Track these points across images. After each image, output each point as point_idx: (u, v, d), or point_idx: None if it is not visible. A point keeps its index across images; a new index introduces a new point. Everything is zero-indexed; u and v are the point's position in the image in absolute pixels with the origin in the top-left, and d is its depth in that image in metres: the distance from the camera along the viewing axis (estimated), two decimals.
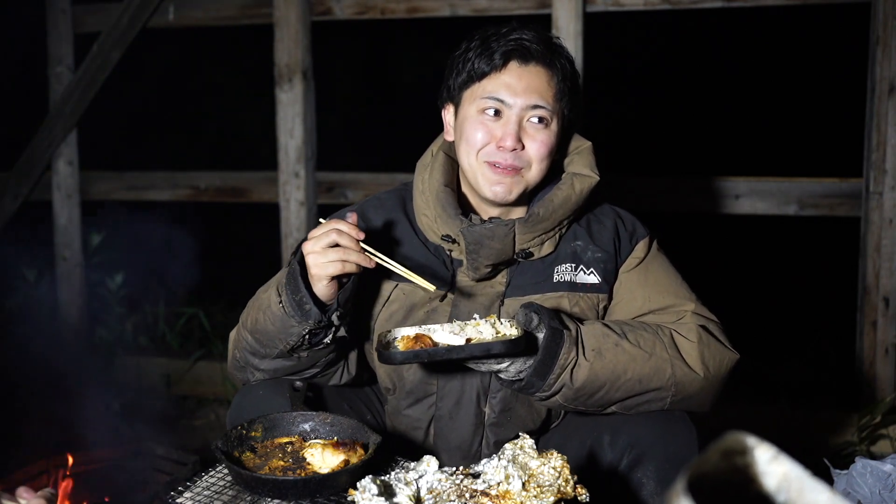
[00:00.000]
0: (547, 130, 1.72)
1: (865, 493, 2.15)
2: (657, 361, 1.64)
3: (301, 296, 1.61)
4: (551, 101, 1.72)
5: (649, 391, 1.65)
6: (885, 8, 2.83)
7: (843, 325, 3.20)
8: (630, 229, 1.84)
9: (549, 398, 1.63)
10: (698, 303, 1.79)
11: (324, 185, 3.49)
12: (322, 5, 3.38)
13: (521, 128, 1.71)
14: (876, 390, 2.96)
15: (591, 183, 1.78)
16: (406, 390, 1.81)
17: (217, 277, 4.46)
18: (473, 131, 1.72)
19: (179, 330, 3.90)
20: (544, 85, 1.71)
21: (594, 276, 1.78)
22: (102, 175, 3.80)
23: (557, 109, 1.73)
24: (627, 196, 3.17)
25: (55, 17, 3.68)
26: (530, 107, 1.70)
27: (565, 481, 1.37)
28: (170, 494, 1.55)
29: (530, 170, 1.74)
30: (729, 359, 1.73)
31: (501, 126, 1.71)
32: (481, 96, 1.72)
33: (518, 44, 1.70)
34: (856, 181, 2.98)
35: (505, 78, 1.70)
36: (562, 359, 1.58)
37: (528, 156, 1.72)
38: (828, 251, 4.32)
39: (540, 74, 1.71)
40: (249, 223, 4.80)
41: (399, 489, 1.40)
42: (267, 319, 1.68)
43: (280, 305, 1.64)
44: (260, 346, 1.73)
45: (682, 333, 1.70)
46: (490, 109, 1.71)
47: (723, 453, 0.87)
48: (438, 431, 1.81)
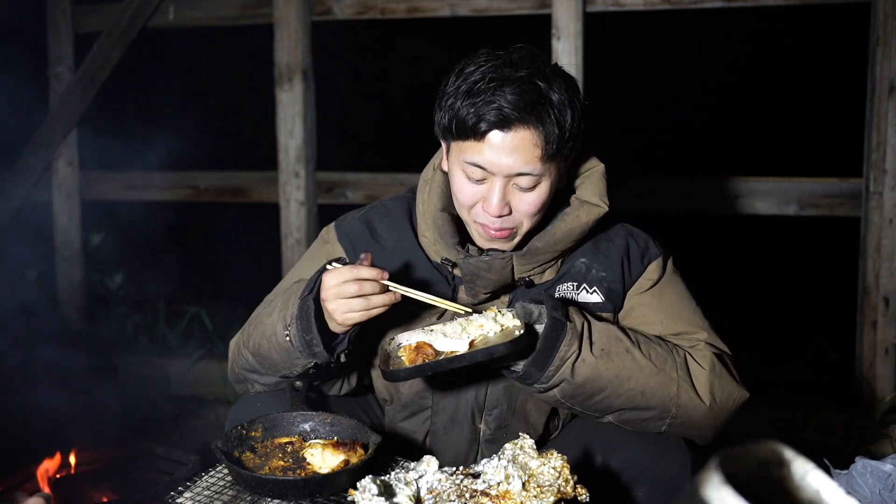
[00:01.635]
0: (535, 192, 1.63)
1: (865, 493, 2.15)
2: (664, 378, 1.61)
3: (312, 337, 1.59)
4: (539, 164, 1.59)
5: (650, 407, 1.61)
6: (885, 8, 2.83)
7: (843, 325, 3.20)
8: (642, 249, 1.78)
9: (548, 391, 1.60)
10: (712, 332, 1.75)
11: (324, 185, 3.49)
12: (322, 5, 3.38)
13: (508, 191, 1.62)
14: (876, 390, 2.96)
15: (599, 214, 1.72)
16: (402, 403, 1.80)
17: (217, 277, 4.47)
18: (460, 190, 1.66)
19: (180, 330, 3.90)
20: (529, 149, 1.57)
21: (597, 294, 1.74)
22: (102, 175, 3.80)
23: (548, 168, 1.61)
24: (627, 196, 3.17)
25: (55, 17, 3.68)
26: (514, 175, 1.60)
27: (565, 481, 1.37)
28: (170, 494, 1.56)
29: (523, 226, 1.67)
30: (738, 395, 1.67)
31: (487, 190, 1.62)
32: (464, 160, 1.61)
33: (499, 112, 1.54)
34: (856, 181, 2.98)
35: (485, 146, 1.58)
36: (562, 350, 1.54)
37: (518, 217, 1.65)
38: (828, 251, 4.32)
39: (524, 139, 1.57)
40: (249, 223, 4.80)
41: (399, 489, 1.40)
42: (272, 348, 1.66)
43: (287, 339, 1.62)
44: (261, 367, 1.73)
45: (696, 359, 1.66)
46: (474, 175, 1.62)
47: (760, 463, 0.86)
48: (434, 446, 1.80)
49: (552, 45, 3.08)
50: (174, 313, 3.99)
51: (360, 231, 1.82)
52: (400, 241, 1.80)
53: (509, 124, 1.56)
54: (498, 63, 1.59)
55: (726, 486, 0.79)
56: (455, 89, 1.60)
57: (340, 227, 1.85)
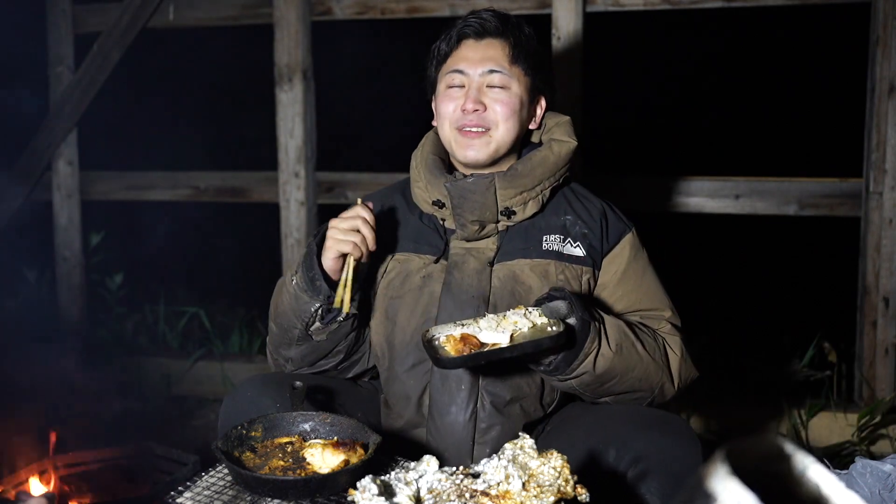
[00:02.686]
0: (507, 92, 1.84)
1: (865, 493, 2.15)
2: (655, 367, 1.79)
3: (314, 273, 1.76)
4: (507, 66, 1.84)
5: (642, 390, 1.80)
6: (885, 8, 2.83)
7: (843, 325, 3.20)
8: (617, 217, 1.95)
9: (567, 381, 1.74)
10: (673, 310, 1.93)
11: (324, 185, 3.49)
12: (322, 5, 3.38)
13: (483, 92, 1.84)
14: (876, 390, 2.97)
15: (570, 147, 1.90)
16: (403, 354, 1.85)
17: (217, 277, 4.47)
18: (443, 105, 1.88)
19: (179, 330, 3.90)
20: (499, 53, 1.85)
21: (580, 249, 1.88)
22: (102, 175, 3.81)
23: (516, 73, 1.85)
24: (626, 196, 3.17)
25: (55, 17, 3.69)
26: (487, 72, 1.84)
27: (565, 481, 1.37)
28: (170, 494, 1.56)
29: (498, 128, 1.85)
30: (693, 374, 1.89)
31: (465, 94, 1.85)
32: (445, 73, 1.88)
33: (473, 23, 1.86)
34: (856, 181, 2.99)
35: (462, 53, 1.87)
36: (587, 348, 1.69)
37: (493, 116, 1.84)
38: (828, 251, 4.32)
39: (494, 45, 1.85)
40: (249, 223, 4.80)
41: (399, 489, 1.40)
42: (284, 300, 1.83)
43: (294, 284, 1.79)
44: (282, 332, 1.85)
45: (670, 345, 1.85)
46: (454, 82, 1.86)
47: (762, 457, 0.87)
48: (434, 395, 1.81)
49: (552, 45, 3.08)
50: (174, 313, 3.99)
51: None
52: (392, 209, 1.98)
53: (482, 34, 1.86)
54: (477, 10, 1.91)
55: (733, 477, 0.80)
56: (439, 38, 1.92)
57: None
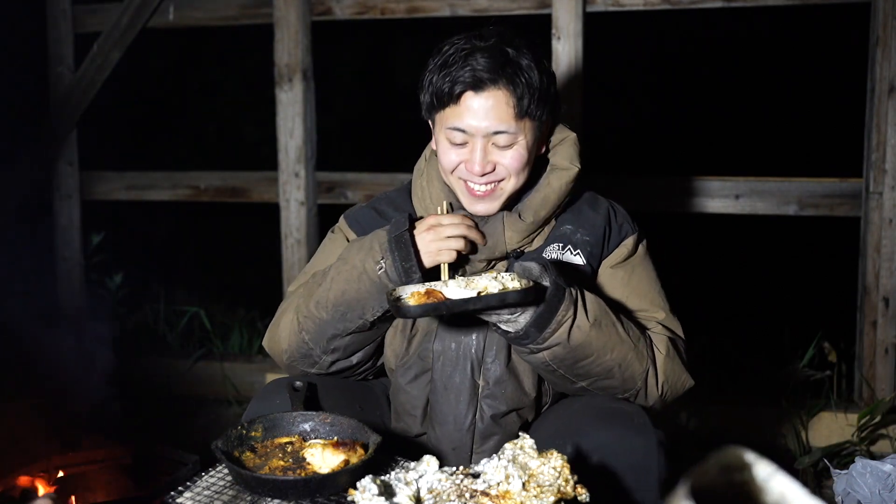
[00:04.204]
0: (514, 149, 1.75)
1: (865, 493, 2.15)
2: (638, 354, 1.73)
3: (411, 264, 1.71)
4: (513, 122, 1.72)
5: (623, 378, 1.73)
6: (885, 8, 2.83)
7: (843, 325, 3.20)
8: (620, 222, 1.90)
9: (540, 352, 1.67)
10: (670, 314, 1.87)
11: (324, 185, 3.49)
12: (322, 5, 3.38)
13: (489, 151, 1.75)
14: (876, 390, 2.97)
15: (571, 175, 1.83)
16: (405, 367, 1.84)
17: (217, 277, 4.47)
18: (444, 156, 1.78)
19: (179, 330, 3.90)
20: (502, 108, 1.71)
21: (580, 257, 1.84)
22: (102, 175, 3.80)
23: (524, 126, 1.74)
24: (627, 196, 3.17)
25: (55, 17, 3.68)
26: (491, 133, 1.73)
27: (565, 481, 1.37)
28: (170, 494, 1.55)
29: (508, 181, 1.78)
30: (685, 381, 1.80)
31: (469, 152, 1.75)
32: (445, 126, 1.75)
33: (471, 74, 1.69)
34: (856, 181, 2.99)
35: (462, 109, 1.72)
36: (560, 314, 1.63)
37: (502, 172, 1.77)
38: (828, 251, 4.32)
39: (497, 98, 1.71)
40: (249, 223, 4.80)
41: (399, 489, 1.40)
42: (361, 288, 1.74)
43: (379, 272, 1.72)
44: (337, 320, 1.78)
45: (655, 342, 1.79)
46: (455, 139, 1.75)
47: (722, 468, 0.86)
48: (434, 404, 1.82)
49: (552, 45, 3.08)
50: (174, 313, 3.99)
51: (370, 216, 1.94)
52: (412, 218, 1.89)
53: (482, 85, 1.70)
54: (469, 36, 1.76)
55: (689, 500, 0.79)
56: (433, 66, 1.75)
57: (349, 217, 1.97)
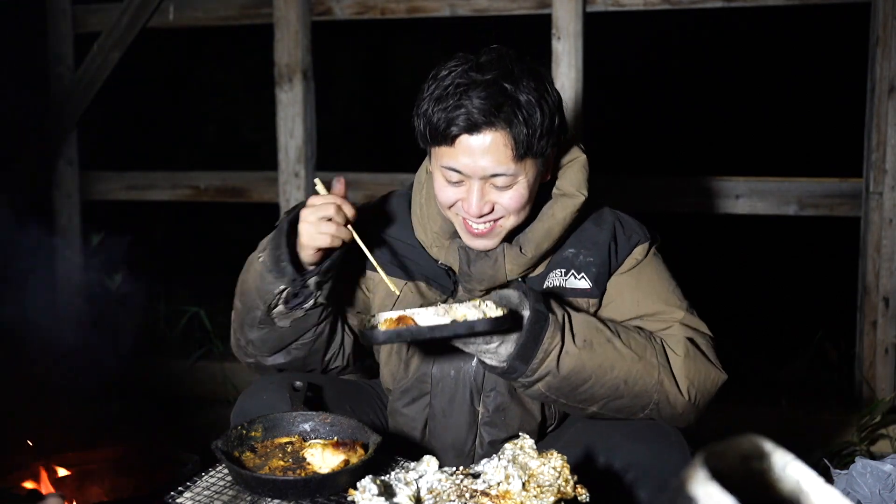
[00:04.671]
0: (514, 189, 1.66)
1: (865, 493, 2.15)
2: (645, 365, 1.63)
3: (280, 253, 1.67)
4: (512, 164, 1.62)
5: (634, 395, 1.63)
6: (885, 8, 2.83)
7: (843, 325, 3.20)
8: (629, 234, 1.81)
9: (533, 385, 1.61)
10: (689, 312, 1.76)
11: (324, 185, 3.48)
12: (322, 5, 3.38)
13: (486, 191, 1.66)
14: (876, 390, 2.97)
15: (576, 204, 1.75)
16: (402, 389, 1.81)
17: (217, 277, 4.46)
18: (441, 192, 1.71)
19: (179, 330, 3.90)
20: (500, 150, 1.61)
21: (585, 280, 1.77)
22: (102, 175, 3.80)
23: (523, 167, 1.64)
24: (626, 196, 3.17)
25: (55, 17, 3.68)
26: (489, 176, 1.64)
27: (565, 481, 1.37)
28: (170, 494, 1.55)
29: (508, 219, 1.71)
30: (715, 377, 1.69)
31: (465, 192, 1.67)
32: (441, 164, 1.67)
33: (465, 117, 1.59)
34: (856, 181, 2.99)
35: (458, 151, 1.62)
36: (545, 343, 1.56)
37: (501, 211, 1.69)
38: (828, 251, 4.32)
39: (494, 140, 1.60)
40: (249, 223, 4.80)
41: (399, 489, 1.40)
42: (248, 277, 1.74)
43: (260, 260, 1.70)
44: (245, 310, 1.77)
45: (671, 345, 1.69)
46: (451, 178, 1.67)
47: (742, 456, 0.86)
48: (433, 430, 1.81)
49: (552, 45, 3.08)
50: (174, 313, 3.99)
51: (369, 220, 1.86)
52: (403, 237, 1.86)
53: (478, 128, 1.59)
54: (467, 67, 1.63)
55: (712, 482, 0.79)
56: (429, 95, 1.65)
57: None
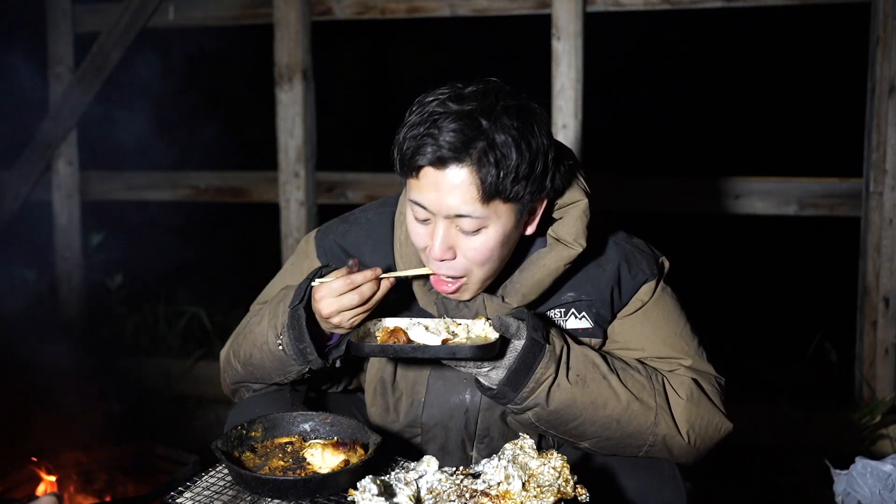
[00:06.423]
0: (482, 235, 1.51)
1: (865, 493, 2.15)
2: (641, 407, 1.56)
3: (305, 346, 1.60)
4: (478, 205, 1.47)
5: (626, 435, 1.57)
6: (885, 8, 2.83)
7: (843, 325, 3.20)
8: (634, 273, 1.69)
9: (523, 413, 1.56)
10: (699, 357, 1.68)
11: (324, 185, 3.49)
12: (322, 5, 3.38)
13: (451, 235, 1.52)
14: (876, 390, 2.97)
15: (571, 256, 1.60)
16: (392, 433, 1.77)
17: (217, 277, 4.46)
18: (413, 231, 1.58)
19: (179, 330, 3.90)
20: (466, 189, 1.45)
21: (586, 320, 1.68)
22: (102, 175, 3.81)
23: (494, 209, 1.48)
24: (626, 196, 3.17)
25: (55, 17, 3.68)
26: (454, 216, 1.49)
27: (565, 481, 1.37)
28: (170, 494, 1.55)
29: (472, 274, 1.57)
30: (718, 424, 1.61)
31: (431, 233, 1.54)
32: (409, 196, 1.54)
33: (433, 150, 1.44)
34: (856, 181, 2.99)
35: (423, 184, 1.49)
36: (538, 373, 1.50)
37: (464, 264, 1.54)
38: (828, 251, 4.32)
39: (461, 178, 1.45)
40: (249, 223, 4.80)
41: (399, 489, 1.40)
42: (264, 357, 1.67)
43: (280, 348, 1.62)
44: (252, 377, 1.74)
45: (674, 386, 1.61)
46: (418, 215, 1.54)
47: None
48: (424, 445, 1.77)
49: (552, 45, 3.08)
50: (174, 313, 3.99)
51: (336, 252, 1.76)
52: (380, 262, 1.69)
53: (444, 162, 1.45)
54: (450, 93, 1.49)
55: None
56: (406, 120, 1.52)
57: (320, 243, 1.79)
